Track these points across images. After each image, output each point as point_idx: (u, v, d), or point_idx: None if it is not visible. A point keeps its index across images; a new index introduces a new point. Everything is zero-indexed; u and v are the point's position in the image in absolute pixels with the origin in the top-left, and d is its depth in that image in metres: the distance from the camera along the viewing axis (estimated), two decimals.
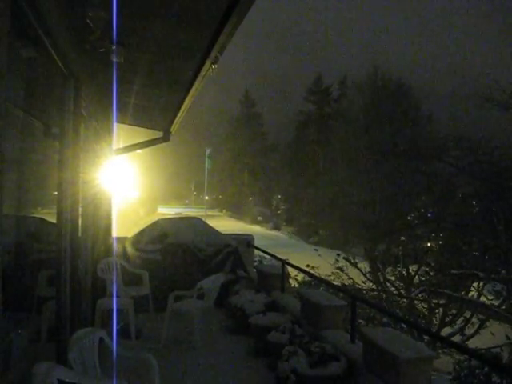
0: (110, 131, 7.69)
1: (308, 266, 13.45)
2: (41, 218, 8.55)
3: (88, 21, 3.61)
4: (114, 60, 4.46)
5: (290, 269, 8.61)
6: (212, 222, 11.90)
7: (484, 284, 16.39)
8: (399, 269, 18.81)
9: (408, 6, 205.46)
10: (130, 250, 8.65)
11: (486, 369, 12.66)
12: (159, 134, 9.13)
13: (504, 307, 15.50)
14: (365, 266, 20.20)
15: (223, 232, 10.24)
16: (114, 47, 4.21)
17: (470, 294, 16.66)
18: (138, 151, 10.21)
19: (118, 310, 6.43)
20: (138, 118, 8.32)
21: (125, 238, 8.97)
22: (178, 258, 8.76)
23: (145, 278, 7.73)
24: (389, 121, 24.75)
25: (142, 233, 9.27)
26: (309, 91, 71.11)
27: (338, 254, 18.97)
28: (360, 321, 15.72)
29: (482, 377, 12.92)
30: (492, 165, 16.19)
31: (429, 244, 21.24)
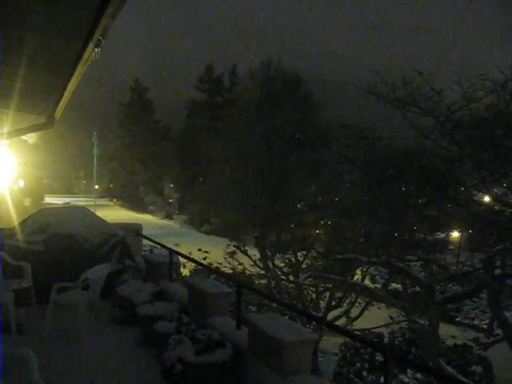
0: None
1: (200, 249, 13.54)
2: None
3: None
4: None
5: (181, 258, 8.57)
6: (101, 212, 11.63)
7: (367, 268, 17.19)
8: (288, 255, 19.34)
9: None
10: (10, 240, 8.22)
11: (369, 349, 13.42)
12: (43, 120, 8.76)
13: (386, 290, 16.37)
14: (255, 253, 20.63)
15: (112, 222, 10.01)
16: None
17: (355, 278, 17.45)
18: (24, 138, 9.73)
19: None
20: (20, 102, 7.91)
21: (5, 229, 8.53)
22: (63, 249, 8.41)
23: (26, 270, 7.38)
24: (280, 110, 25.07)
25: (24, 223, 8.82)
26: (200, 80, 70.77)
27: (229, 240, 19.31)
28: (251, 307, 16.05)
29: (366, 356, 13.70)
30: (375, 154, 16.84)
31: (317, 231, 21.93)
